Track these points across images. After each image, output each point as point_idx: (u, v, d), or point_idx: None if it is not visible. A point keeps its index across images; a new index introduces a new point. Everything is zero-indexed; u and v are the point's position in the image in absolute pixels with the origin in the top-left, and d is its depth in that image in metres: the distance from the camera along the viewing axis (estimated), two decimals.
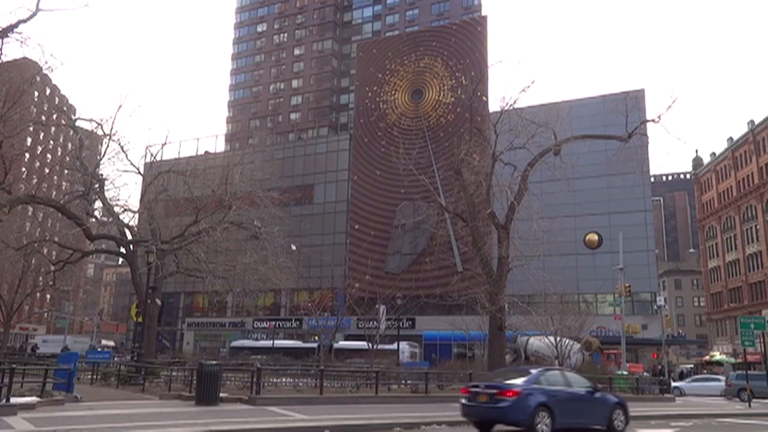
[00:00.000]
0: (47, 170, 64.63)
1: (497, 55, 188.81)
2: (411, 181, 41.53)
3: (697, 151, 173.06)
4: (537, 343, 37.94)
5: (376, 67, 73.47)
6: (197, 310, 77.27)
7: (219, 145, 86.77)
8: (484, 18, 73.52)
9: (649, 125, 28.51)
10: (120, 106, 36.93)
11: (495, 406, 13.64)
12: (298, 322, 64.00)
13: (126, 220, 31.44)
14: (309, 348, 45.12)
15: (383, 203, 66.84)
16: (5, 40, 23.06)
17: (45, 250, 43.05)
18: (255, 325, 69.81)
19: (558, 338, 33.07)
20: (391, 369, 27.17)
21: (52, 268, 34.71)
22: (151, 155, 35.77)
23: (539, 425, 13.38)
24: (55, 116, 59.28)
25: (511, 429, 13.95)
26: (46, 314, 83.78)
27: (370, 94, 72.89)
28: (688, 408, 25.67)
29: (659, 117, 26.92)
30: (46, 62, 24.33)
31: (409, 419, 15.26)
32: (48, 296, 77.63)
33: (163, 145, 33.77)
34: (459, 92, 62.83)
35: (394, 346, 44.16)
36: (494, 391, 13.96)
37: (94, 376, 24.63)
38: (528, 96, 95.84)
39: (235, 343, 56.10)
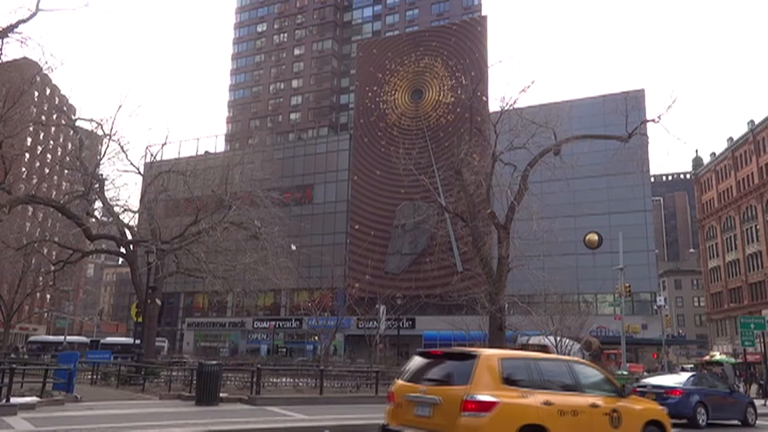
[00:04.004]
0: (47, 170, 64.62)
1: (497, 55, 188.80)
2: (411, 181, 41.56)
3: (697, 151, 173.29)
4: (537, 344, 37.80)
5: (376, 67, 73.47)
6: (197, 310, 77.30)
7: (219, 145, 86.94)
8: (484, 18, 73.56)
9: (649, 125, 28.50)
10: (120, 106, 37.06)
11: (664, 402, 16.00)
12: (298, 322, 64.04)
13: (126, 220, 31.43)
14: (84, 343, 52.64)
15: (383, 203, 66.85)
16: (5, 40, 23.05)
17: (45, 250, 43.01)
18: (255, 325, 69.87)
19: (557, 338, 33.04)
20: (391, 369, 27.18)
21: (52, 268, 34.69)
22: (151, 155, 35.74)
23: (699, 418, 16.74)
24: (55, 116, 59.37)
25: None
26: (46, 314, 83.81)
27: (370, 94, 72.91)
28: None
29: (659, 117, 26.91)
30: (46, 62, 24.34)
31: None
32: (48, 296, 77.65)
33: (163, 145, 33.75)
34: (459, 92, 62.82)
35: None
36: (662, 390, 17.11)
37: (94, 376, 24.60)
38: (528, 96, 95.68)
39: (33, 338, 60.60)
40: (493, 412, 8.04)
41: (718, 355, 66.89)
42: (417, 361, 9.70)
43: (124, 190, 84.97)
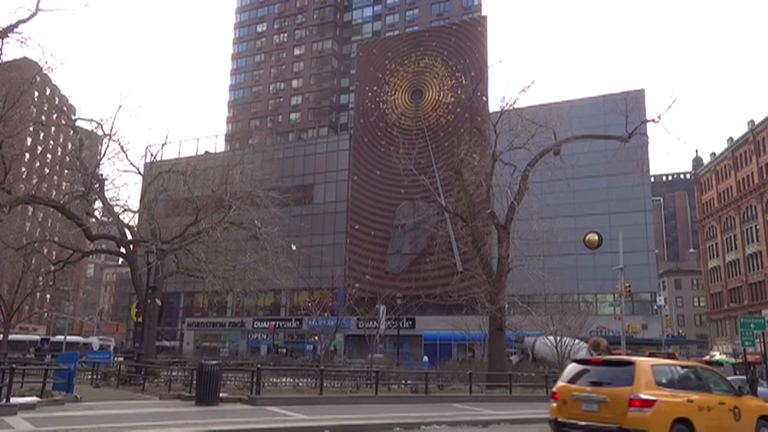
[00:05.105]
0: (47, 170, 64.62)
1: (497, 55, 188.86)
2: (411, 181, 41.61)
3: (697, 151, 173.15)
4: (543, 348, 37.76)
5: (376, 67, 73.45)
6: (197, 310, 77.25)
7: (219, 145, 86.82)
8: (484, 18, 73.50)
9: (649, 125, 28.57)
10: (120, 106, 37.01)
11: None
12: (298, 322, 64.03)
13: (126, 220, 31.42)
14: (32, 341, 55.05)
15: (383, 203, 66.82)
16: (5, 40, 23.07)
17: (45, 250, 43.02)
18: (255, 325, 69.83)
19: (559, 338, 33.05)
20: (391, 369, 27.19)
21: (52, 268, 34.69)
22: (151, 155, 35.73)
23: None
24: (55, 116, 59.38)
25: None
26: (46, 314, 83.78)
27: (370, 94, 72.87)
28: None
29: (659, 117, 27.00)
30: (46, 62, 24.37)
31: (409, 419, 15.26)
32: (48, 296, 77.63)
33: (163, 145, 33.74)
34: (459, 92, 62.76)
35: (89, 339, 54.08)
36: None
37: (94, 376, 24.60)
38: (528, 96, 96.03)
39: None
40: (654, 408, 10.08)
41: (718, 355, 66.91)
42: (574, 367, 11.93)
43: (124, 190, 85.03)
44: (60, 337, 59.61)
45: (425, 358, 48.86)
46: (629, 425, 10.04)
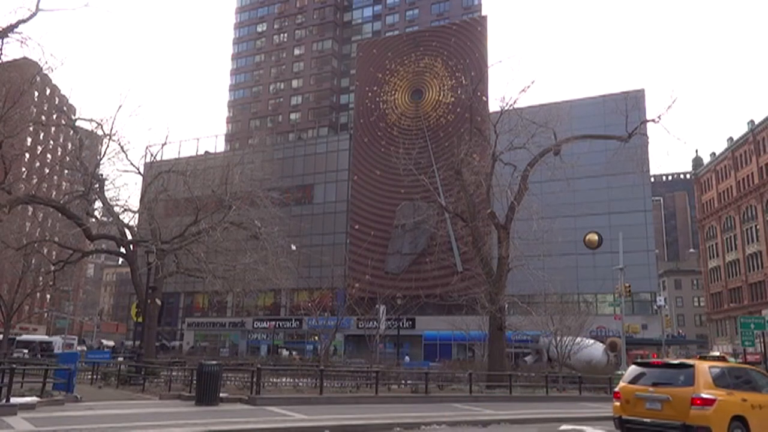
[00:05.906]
0: (47, 170, 64.64)
1: (497, 55, 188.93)
2: (411, 181, 41.59)
3: (697, 151, 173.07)
4: (555, 348, 37.65)
5: (376, 67, 73.44)
6: (197, 310, 77.25)
7: (219, 145, 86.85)
8: (484, 18, 73.50)
9: (649, 125, 28.56)
10: (120, 106, 37.00)
11: None
12: (298, 322, 64.03)
13: (126, 220, 31.42)
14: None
15: (383, 203, 66.82)
16: (5, 40, 23.08)
17: (45, 250, 43.05)
18: (255, 325, 69.84)
19: (559, 338, 33.05)
20: (391, 369, 27.18)
21: (52, 268, 34.71)
22: (151, 155, 35.74)
23: None
24: (55, 116, 59.46)
25: None
26: (46, 314, 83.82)
27: (370, 94, 72.87)
28: None
29: (659, 117, 26.98)
30: (46, 62, 24.39)
31: (409, 419, 15.26)
32: (48, 296, 77.64)
33: (163, 145, 33.75)
34: (459, 92, 62.78)
35: (52, 338, 55.07)
36: None
37: (94, 376, 24.59)
38: (528, 96, 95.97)
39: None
40: (714, 406, 10.98)
41: (718, 356, 66.74)
42: (634, 369, 12.96)
43: (124, 190, 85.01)
44: (27, 336, 60.91)
45: (406, 358, 48.38)
46: (693, 422, 10.92)
